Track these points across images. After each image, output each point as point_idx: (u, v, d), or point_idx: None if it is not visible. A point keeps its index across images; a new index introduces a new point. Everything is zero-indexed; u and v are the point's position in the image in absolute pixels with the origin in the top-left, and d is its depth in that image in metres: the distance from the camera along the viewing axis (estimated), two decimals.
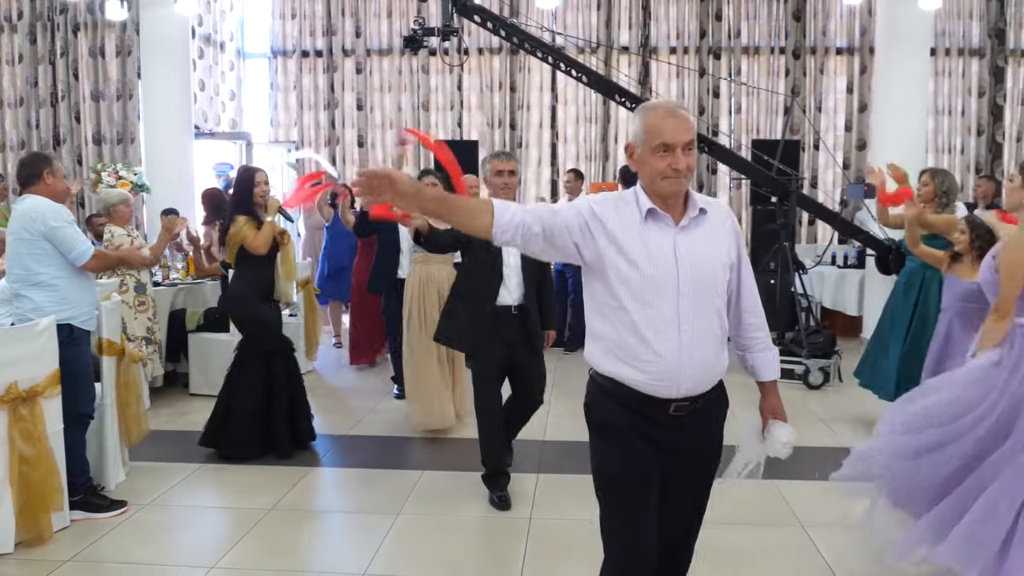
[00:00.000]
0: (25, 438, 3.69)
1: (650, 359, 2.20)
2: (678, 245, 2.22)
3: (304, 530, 4.00)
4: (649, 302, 2.19)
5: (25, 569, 3.52)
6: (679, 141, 2.19)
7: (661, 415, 2.25)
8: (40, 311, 3.91)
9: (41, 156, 4.14)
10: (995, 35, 10.74)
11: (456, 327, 4.23)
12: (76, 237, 4.03)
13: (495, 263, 4.13)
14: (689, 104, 10.72)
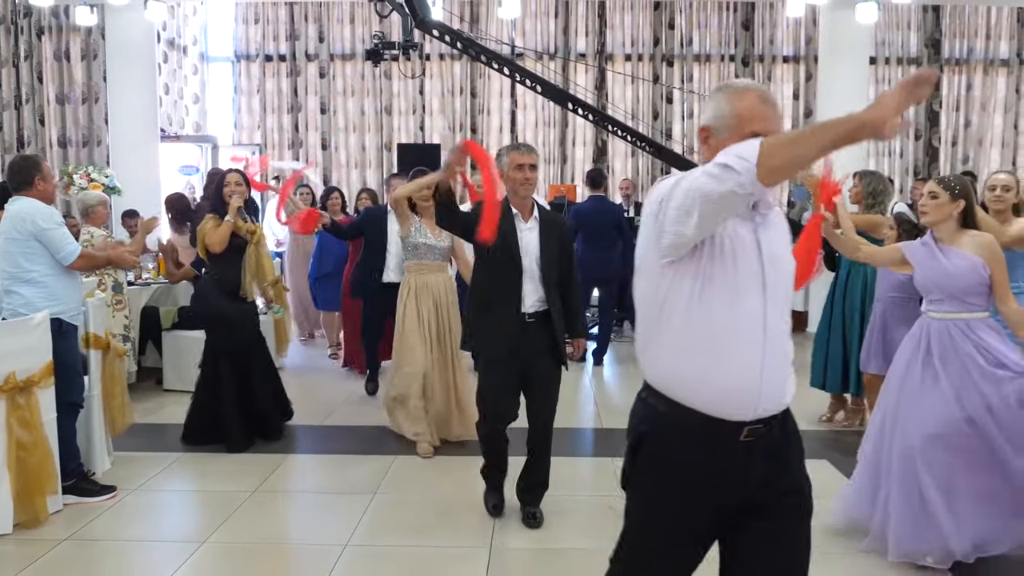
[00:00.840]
0: (22, 425, 3.90)
1: (725, 371, 1.91)
2: (760, 238, 1.96)
3: (287, 509, 4.28)
4: (732, 302, 1.91)
5: (24, 548, 3.73)
6: (771, 130, 1.94)
7: (729, 443, 1.94)
8: (31, 306, 4.12)
9: (32, 161, 4.34)
10: (931, 45, 11.35)
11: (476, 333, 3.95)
12: (65, 238, 4.24)
13: (513, 263, 3.79)
14: (643, 109, 11.15)
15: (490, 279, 3.87)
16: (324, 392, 6.59)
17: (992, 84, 11.44)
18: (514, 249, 3.78)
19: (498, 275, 3.82)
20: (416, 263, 5.16)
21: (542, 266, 3.81)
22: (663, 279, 1.95)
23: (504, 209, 3.74)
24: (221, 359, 5.11)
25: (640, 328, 2.05)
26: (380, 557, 3.66)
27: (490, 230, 3.36)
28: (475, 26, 11.10)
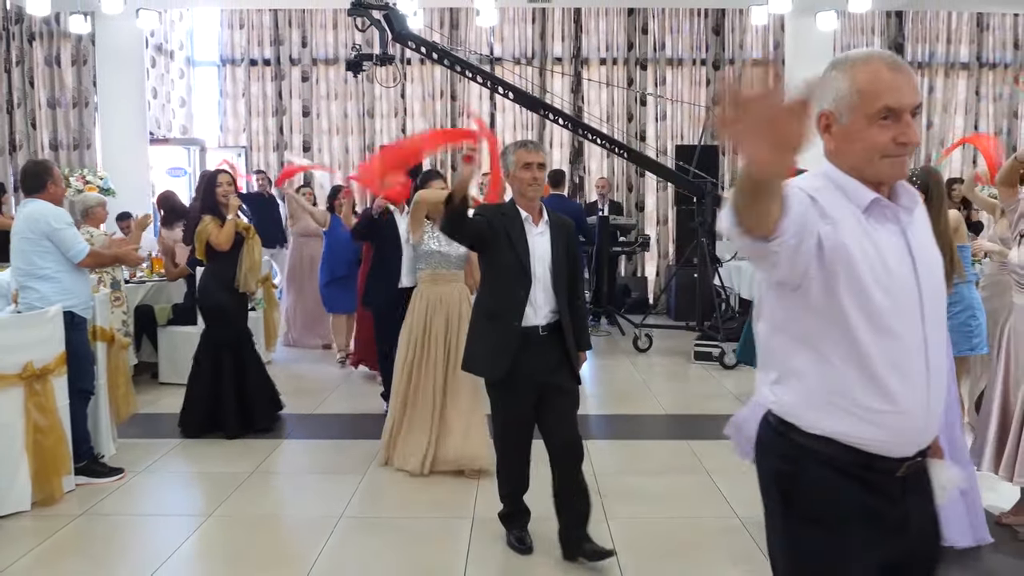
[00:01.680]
0: (39, 410, 4.22)
1: (890, 407, 1.65)
2: (912, 246, 1.68)
3: (284, 486, 4.62)
4: (890, 328, 1.63)
5: (42, 523, 4.04)
6: (907, 103, 1.63)
7: (887, 480, 1.70)
8: (46, 300, 4.43)
9: (45, 166, 4.67)
10: (894, 49, 11.80)
11: (479, 351, 3.60)
12: (75, 238, 4.56)
13: (524, 270, 3.45)
14: (618, 112, 11.54)
15: (496, 291, 3.53)
16: (313, 383, 6.92)
17: (953, 86, 11.91)
18: (524, 256, 3.44)
19: (506, 285, 3.47)
20: (430, 272, 4.72)
21: (554, 273, 3.50)
22: (791, 301, 1.67)
23: (511, 212, 3.52)
24: (220, 350, 5.42)
25: (768, 355, 1.79)
26: (373, 528, 4.01)
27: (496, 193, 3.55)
28: (454, 32, 11.45)
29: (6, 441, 4.09)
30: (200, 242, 5.36)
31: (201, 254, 5.50)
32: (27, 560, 3.64)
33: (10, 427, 4.11)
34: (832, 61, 1.76)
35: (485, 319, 3.56)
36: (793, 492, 1.73)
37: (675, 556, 3.69)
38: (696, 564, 3.63)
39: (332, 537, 3.85)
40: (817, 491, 1.70)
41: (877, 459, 1.67)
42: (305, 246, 8.43)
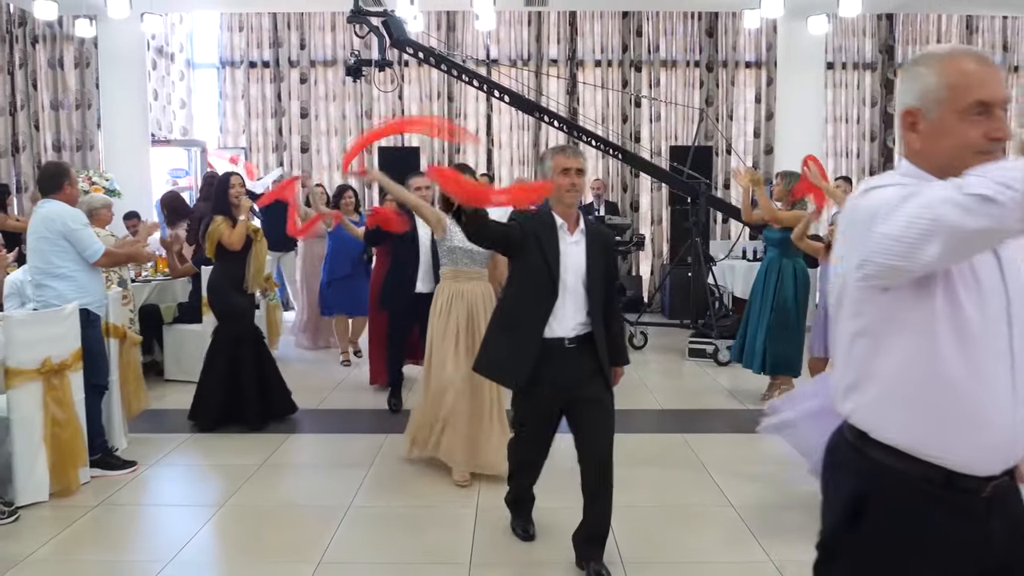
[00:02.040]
0: (57, 404, 4.36)
1: (975, 418, 1.58)
2: (998, 251, 1.63)
3: (293, 478, 4.77)
4: (976, 336, 1.58)
5: (61, 512, 4.19)
6: (999, 98, 1.59)
7: (971, 501, 1.62)
8: (62, 298, 4.58)
9: (63, 168, 4.82)
10: (885, 51, 11.99)
11: (498, 355, 3.51)
12: (90, 238, 4.71)
13: (552, 279, 3.32)
14: (613, 113, 11.70)
15: (521, 297, 3.42)
16: (315, 380, 7.06)
17: None
18: (554, 265, 3.31)
19: (530, 293, 3.36)
20: (452, 269, 4.61)
21: (587, 285, 3.35)
22: (882, 303, 1.61)
23: (546, 219, 3.40)
24: (235, 347, 5.57)
25: (845, 363, 1.72)
26: (381, 516, 4.17)
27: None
28: (451, 34, 11.60)
29: (26, 434, 4.23)
30: (212, 242, 5.51)
31: (211, 253, 5.65)
32: (48, 548, 3.78)
33: (29, 420, 4.25)
34: (915, 57, 1.69)
35: (505, 325, 3.48)
36: (867, 514, 1.63)
37: (670, 540, 3.85)
38: (690, 546, 3.79)
39: (342, 525, 4.00)
40: (895, 514, 1.61)
41: (960, 477, 1.58)
42: (313, 247, 8.37)
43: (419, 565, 3.62)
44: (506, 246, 3.42)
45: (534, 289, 3.35)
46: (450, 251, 4.59)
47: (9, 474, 4.20)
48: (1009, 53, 11.97)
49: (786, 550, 3.67)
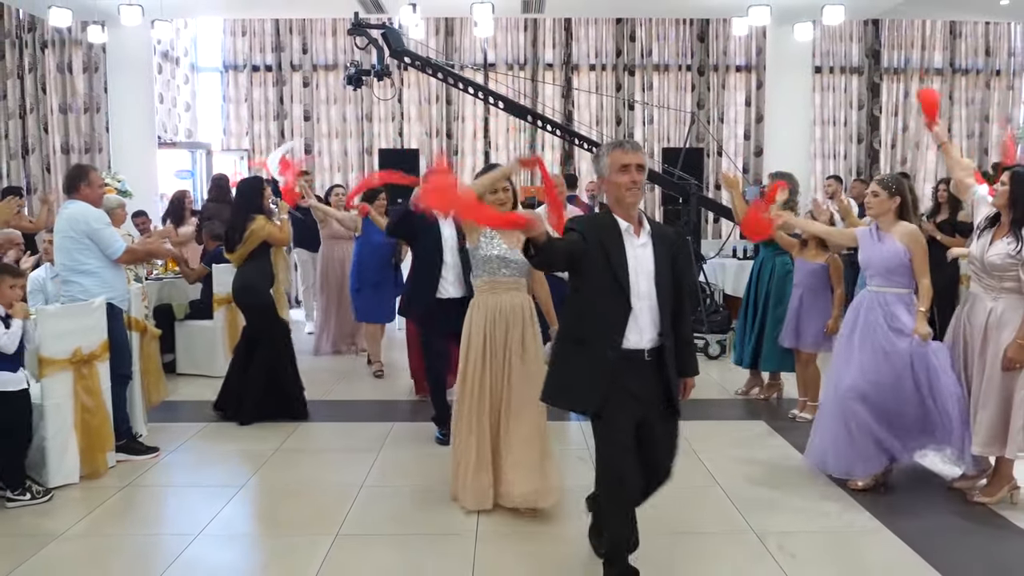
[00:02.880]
0: (86, 392, 4.65)
1: None
2: None
3: (307, 461, 5.05)
4: None
5: (92, 494, 4.47)
6: None
7: None
8: (88, 293, 4.86)
9: (81, 170, 5.07)
10: (871, 55, 12.34)
11: (566, 380, 3.19)
12: (113, 236, 4.99)
13: (622, 288, 3.04)
14: (606, 116, 12.02)
15: (588, 310, 3.09)
16: (321, 373, 7.32)
17: None
18: (622, 272, 3.03)
19: (599, 304, 3.05)
20: (488, 280, 4.10)
21: (659, 291, 3.09)
22: None
23: (607, 223, 3.11)
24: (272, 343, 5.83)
25: None
26: (393, 494, 4.47)
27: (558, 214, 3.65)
28: (450, 39, 11.91)
29: (59, 420, 4.51)
30: (253, 241, 5.71)
31: (245, 253, 5.80)
32: (84, 524, 4.07)
33: (61, 407, 4.54)
34: None
35: (572, 344, 3.12)
36: None
37: (662, 519, 4.13)
38: (681, 526, 4.07)
39: (356, 503, 4.30)
40: None
41: None
42: (335, 249, 8.12)
43: (431, 536, 3.91)
44: (571, 263, 3.08)
45: (603, 300, 3.04)
46: (485, 261, 4.09)
47: (42, 458, 4.47)
48: (991, 58, 12.33)
49: (767, 522, 3.99)
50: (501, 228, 3.89)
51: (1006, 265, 4.02)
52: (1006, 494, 4.21)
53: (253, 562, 3.74)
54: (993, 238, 4.13)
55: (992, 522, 4.07)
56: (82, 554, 3.79)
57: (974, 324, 4.22)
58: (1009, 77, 12.39)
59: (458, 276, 5.09)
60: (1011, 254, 4.00)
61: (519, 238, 3.57)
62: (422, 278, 5.20)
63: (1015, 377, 4.02)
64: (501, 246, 4.07)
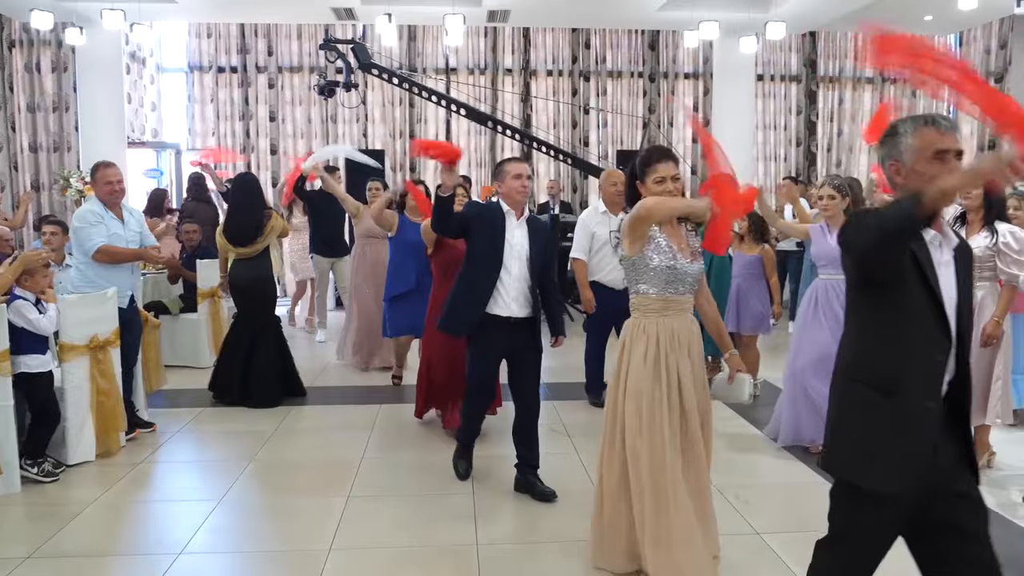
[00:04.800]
0: (102, 376, 5.02)
1: None
2: None
3: (307, 438, 5.48)
4: None
5: (109, 470, 4.84)
6: None
7: None
8: (73, 283, 5.19)
9: (94, 167, 5.40)
10: (809, 65, 13.14)
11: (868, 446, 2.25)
12: (88, 237, 5.16)
13: (941, 313, 2.21)
14: (563, 120, 12.59)
15: (898, 344, 2.24)
16: (305, 362, 7.69)
17: (860, 99, 13.31)
18: (936, 292, 2.23)
19: (914, 338, 2.23)
20: (658, 298, 3.26)
21: (959, 316, 2.28)
22: None
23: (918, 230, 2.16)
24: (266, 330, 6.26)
25: None
26: (393, 462, 4.94)
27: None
28: (413, 44, 12.34)
29: (77, 401, 4.87)
30: (271, 235, 6.22)
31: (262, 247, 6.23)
32: (109, 495, 4.44)
33: (79, 389, 4.89)
34: None
35: (875, 392, 2.25)
36: None
37: None
38: None
39: (360, 470, 4.76)
40: None
41: None
42: (368, 249, 7.24)
43: (433, 496, 4.39)
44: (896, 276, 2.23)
45: (920, 334, 2.23)
46: (654, 273, 3.25)
47: (62, 437, 4.83)
48: None
49: (725, 479, 4.56)
50: None
51: (985, 256, 4.57)
52: (985, 460, 4.79)
53: (277, 522, 4.13)
54: (966, 234, 4.64)
55: None
56: (118, 518, 4.18)
57: None
58: None
59: (524, 292, 4.26)
60: (989, 246, 4.57)
61: (689, 244, 3.30)
62: (472, 287, 4.27)
63: (994, 352, 4.62)
64: (676, 255, 3.24)
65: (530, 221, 4.38)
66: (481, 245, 4.28)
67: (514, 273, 4.26)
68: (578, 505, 4.10)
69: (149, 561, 3.63)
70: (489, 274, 4.24)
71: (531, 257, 4.31)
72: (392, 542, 3.84)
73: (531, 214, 4.46)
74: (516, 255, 4.28)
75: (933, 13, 11.52)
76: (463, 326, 4.33)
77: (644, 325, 3.29)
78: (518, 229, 4.32)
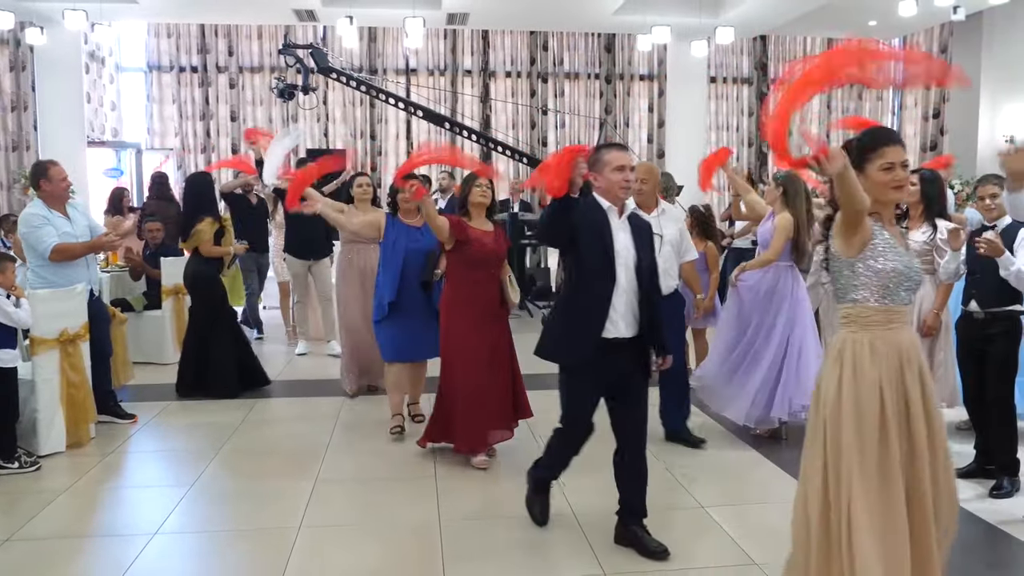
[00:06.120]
0: (72, 369, 5.14)
1: None
2: None
3: (275, 429, 5.65)
4: None
5: (79, 460, 4.96)
6: None
7: None
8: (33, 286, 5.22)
9: (42, 166, 5.39)
10: (760, 68, 13.56)
11: None
12: (39, 239, 5.17)
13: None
14: (522, 120, 12.85)
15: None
16: (268, 357, 7.85)
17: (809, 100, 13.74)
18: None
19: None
20: (883, 309, 2.67)
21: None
22: None
23: None
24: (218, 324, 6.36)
25: None
26: (358, 445, 5.15)
27: None
28: (373, 45, 12.51)
29: (48, 394, 4.99)
30: (193, 243, 6.31)
31: (190, 248, 6.39)
32: (81, 483, 4.57)
33: (50, 382, 5.01)
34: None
35: None
36: None
37: (593, 466, 4.92)
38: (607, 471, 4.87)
39: (327, 456, 4.96)
40: None
41: None
42: (355, 255, 6.28)
43: (397, 480, 4.60)
44: None
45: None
46: (879, 277, 2.67)
47: (33, 429, 4.94)
48: None
49: (674, 459, 4.84)
50: None
51: (924, 251, 4.87)
52: None
53: (248, 504, 4.30)
54: (908, 229, 4.91)
55: None
56: (92, 503, 4.33)
57: None
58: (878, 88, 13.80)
59: (632, 307, 3.58)
60: (927, 241, 4.88)
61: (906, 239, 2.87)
62: (585, 306, 3.58)
63: (934, 343, 4.95)
64: (902, 254, 2.70)
65: (632, 219, 3.64)
66: (590, 254, 3.53)
67: (622, 284, 3.53)
68: None
69: (125, 541, 3.79)
70: (602, 288, 3.51)
71: (639, 263, 3.57)
72: (359, 521, 4.05)
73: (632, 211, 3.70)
74: (623, 262, 3.55)
75: (877, 18, 12.00)
76: (573, 355, 3.57)
77: (861, 342, 2.64)
78: (622, 231, 3.58)
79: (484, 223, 4.79)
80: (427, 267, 5.19)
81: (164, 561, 3.65)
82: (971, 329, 4.58)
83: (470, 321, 4.66)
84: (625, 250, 3.56)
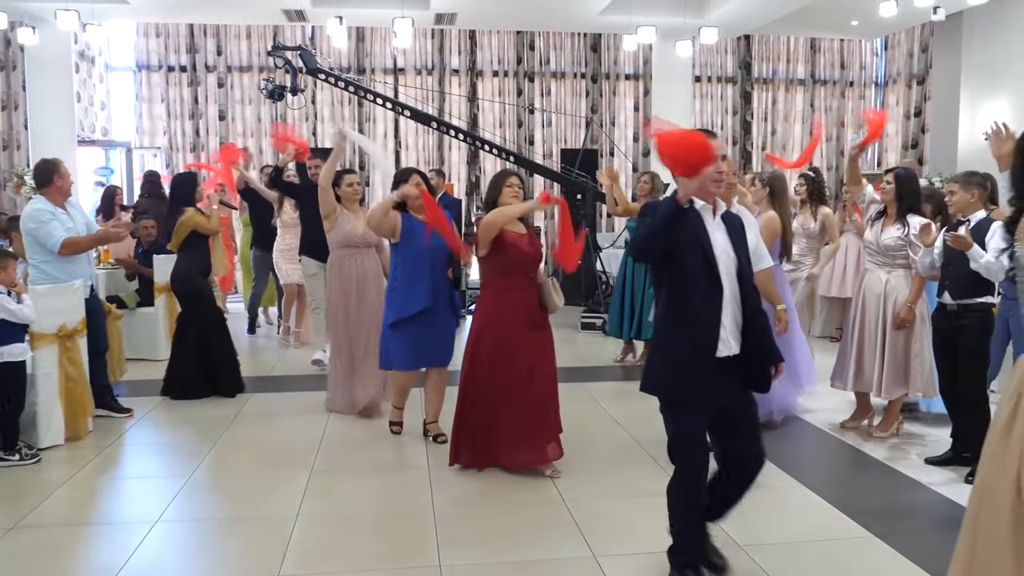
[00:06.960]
0: (70, 363, 5.24)
1: None
2: None
3: (267, 422, 5.76)
4: None
5: (78, 452, 5.07)
6: None
7: None
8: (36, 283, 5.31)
9: (53, 164, 5.53)
10: (744, 67, 13.73)
11: None
12: (48, 234, 5.29)
13: None
14: (509, 119, 12.98)
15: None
16: (258, 356, 7.99)
17: (792, 99, 13.96)
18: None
19: None
20: None
21: None
22: None
23: None
24: (205, 327, 6.37)
25: None
26: (349, 441, 5.26)
27: None
28: (361, 44, 12.60)
29: (47, 388, 5.09)
30: (183, 231, 6.27)
31: (176, 244, 6.38)
32: (81, 475, 4.69)
33: (49, 376, 5.12)
34: None
35: None
36: None
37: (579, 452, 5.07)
38: (592, 457, 5.02)
39: (321, 448, 5.08)
40: None
41: None
42: (347, 261, 5.81)
43: (391, 470, 4.74)
44: None
45: None
46: None
47: (33, 422, 5.04)
48: (845, 70, 13.93)
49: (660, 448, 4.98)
50: None
51: (897, 246, 5.09)
52: (895, 428, 5.36)
53: (246, 493, 4.42)
54: (884, 226, 5.18)
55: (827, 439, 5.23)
56: (93, 493, 4.45)
57: (872, 293, 5.25)
58: (861, 87, 14.02)
59: (736, 318, 3.09)
60: (901, 237, 5.07)
61: None
62: (691, 325, 3.05)
63: (909, 334, 5.13)
64: None
65: (726, 218, 3.13)
66: (692, 262, 3.00)
67: (727, 295, 3.03)
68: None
69: (128, 529, 3.91)
70: (709, 303, 3.00)
71: (740, 267, 3.08)
72: (355, 509, 4.18)
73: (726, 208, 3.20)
74: (725, 269, 3.03)
75: (859, 18, 12.20)
76: (685, 387, 3.04)
77: None
78: (718, 231, 3.07)
79: (517, 225, 4.49)
80: (455, 262, 4.77)
81: (167, 547, 3.77)
82: (945, 320, 4.77)
83: (511, 332, 4.43)
84: (725, 255, 3.05)
